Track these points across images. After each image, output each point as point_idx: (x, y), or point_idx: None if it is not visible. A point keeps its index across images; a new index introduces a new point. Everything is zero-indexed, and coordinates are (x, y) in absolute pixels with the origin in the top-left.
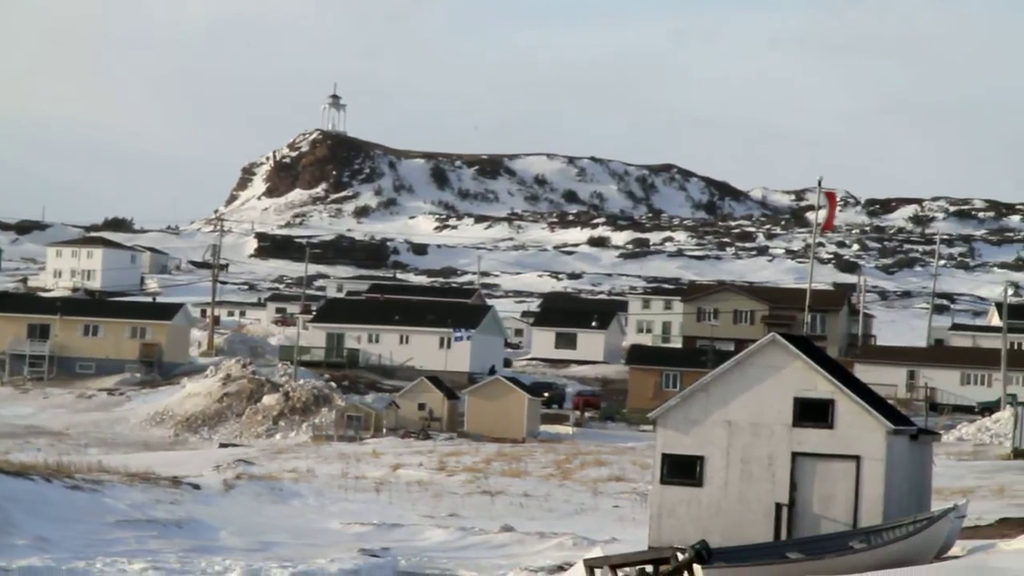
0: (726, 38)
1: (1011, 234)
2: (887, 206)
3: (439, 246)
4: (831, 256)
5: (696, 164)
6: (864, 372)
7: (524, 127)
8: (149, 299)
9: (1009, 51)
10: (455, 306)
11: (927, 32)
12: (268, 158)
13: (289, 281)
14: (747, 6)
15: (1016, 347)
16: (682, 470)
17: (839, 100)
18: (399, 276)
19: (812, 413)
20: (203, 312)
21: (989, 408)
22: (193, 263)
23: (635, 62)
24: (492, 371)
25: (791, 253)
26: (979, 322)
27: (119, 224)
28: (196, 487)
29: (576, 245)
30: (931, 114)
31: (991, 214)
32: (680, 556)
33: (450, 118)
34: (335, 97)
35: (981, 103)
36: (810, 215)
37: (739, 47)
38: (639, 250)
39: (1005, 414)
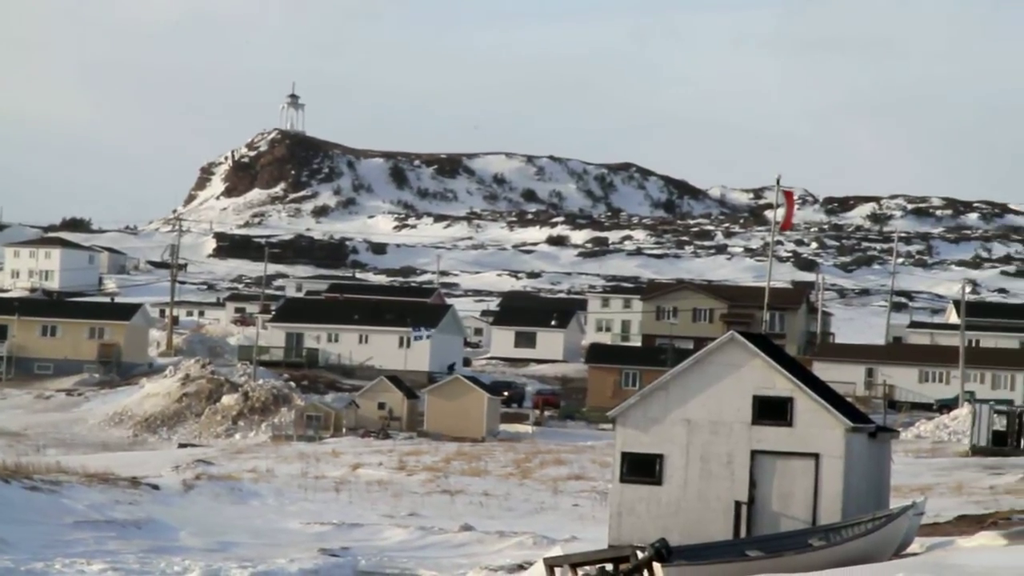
0: (689, 37)
1: (968, 232)
2: (845, 204)
3: (398, 245)
4: (790, 254)
5: (655, 163)
6: (823, 370)
7: (484, 126)
8: (107, 299)
9: (966, 50)
10: (414, 305)
11: (888, 32)
12: (227, 158)
13: (248, 281)
14: (710, 5)
15: (974, 344)
16: (642, 468)
17: (799, 99)
18: (358, 275)
19: (771, 411)
20: (162, 312)
21: (947, 405)
22: (151, 263)
23: (596, 61)
24: (451, 369)
25: (750, 251)
26: (937, 320)
27: (77, 224)
28: (155, 487)
29: (535, 244)
30: (889, 113)
31: (949, 212)
32: (640, 554)
33: (409, 117)
34: (294, 96)
35: (939, 102)
36: (769, 213)
37: (702, 46)
38: (598, 249)
39: (963, 411)
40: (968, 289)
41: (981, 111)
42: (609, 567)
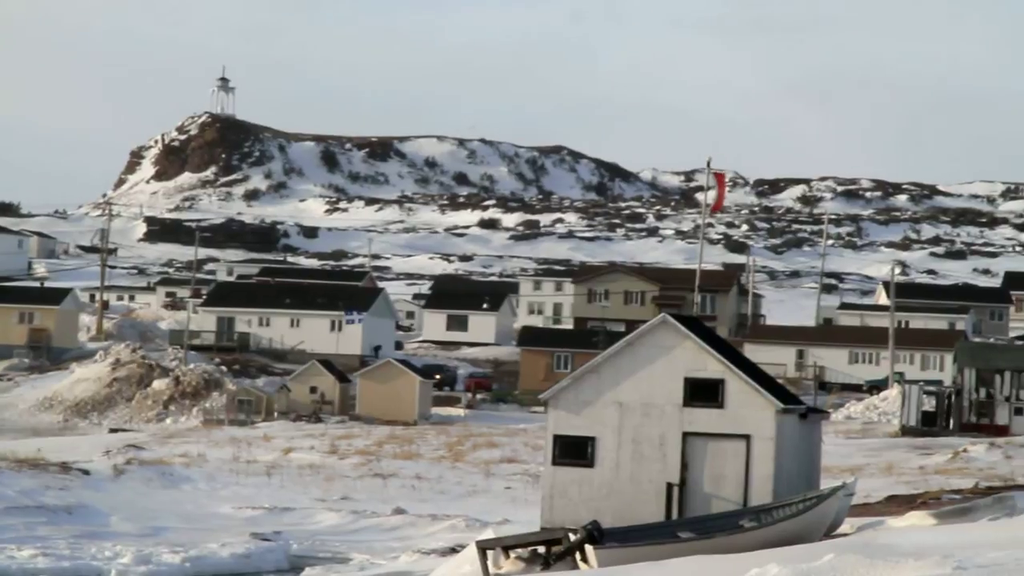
0: (627, 19)
1: (898, 213)
2: (776, 186)
3: (330, 229)
4: (720, 236)
5: (586, 146)
6: (754, 352)
7: (416, 109)
8: (37, 284)
9: (896, 32)
10: (346, 289)
11: (820, 13)
12: (157, 141)
13: (179, 265)
14: None
15: (903, 326)
16: (574, 451)
17: (732, 81)
18: (290, 259)
19: (702, 393)
20: (92, 297)
21: (877, 386)
22: (81, 247)
23: (532, 44)
24: (377, 351)
25: (681, 234)
26: (867, 301)
27: (5, 208)
28: (86, 473)
29: (467, 227)
30: (819, 95)
31: (878, 194)
32: (572, 536)
33: (340, 100)
34: (224, 80)
35: (868, 84)
36: (700, 196)
37: (640, 28)
38: (530, 232)
39: (893, 392)
40: (897, 271)
41: (910, 93)
42: (541, 549)
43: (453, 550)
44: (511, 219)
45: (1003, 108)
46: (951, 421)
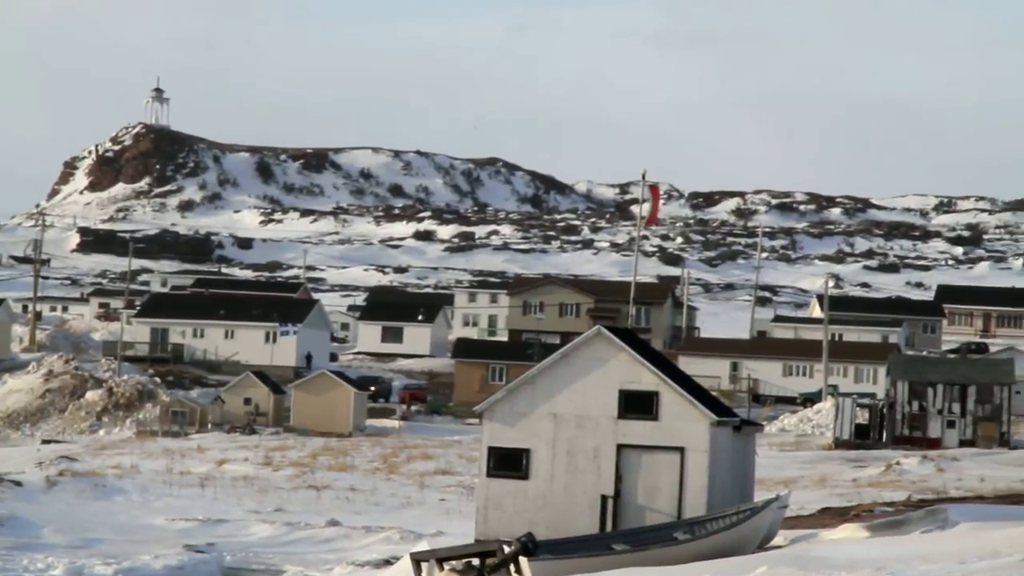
0: (567, 32)
1: (832, 227)
2: (710, 199)
3: (264, 240)
4: (655, 249)
5: (522, 158)
6: (688, 364)
7: (351, 120)
8: None
9: (830, 46)
10: (281, 300)
11: (756, 27)
12: (90, 152)
13: (112, 276)
14: (591, 0)
15: (837, 338)
16: (508, 463)
17: (668, 94)
18: (224, 270)
19: (637, 405)
20: (24, 307)
21: (811, 399)
22: (14, 258)
23: (470, 56)
24: (309, 360)
25: (616, 246)
26: (801, 314)
27: None
28: (18, 484)
29: (402, 239)
30: (754, 108)
31: (812, 207)
32: (506, 549)
33: (275, 111)
34: (158, 91)
35: (803, 98)
36: (634, 208)
37: (580, 41)
38: (465, 244)
39: (826, 405)
40: (831, 283)
41: (844, 107)
42: (476, 562)
43: (387, 562)
44: (446, 231)
45: (936, 123)
46: (884, 434)
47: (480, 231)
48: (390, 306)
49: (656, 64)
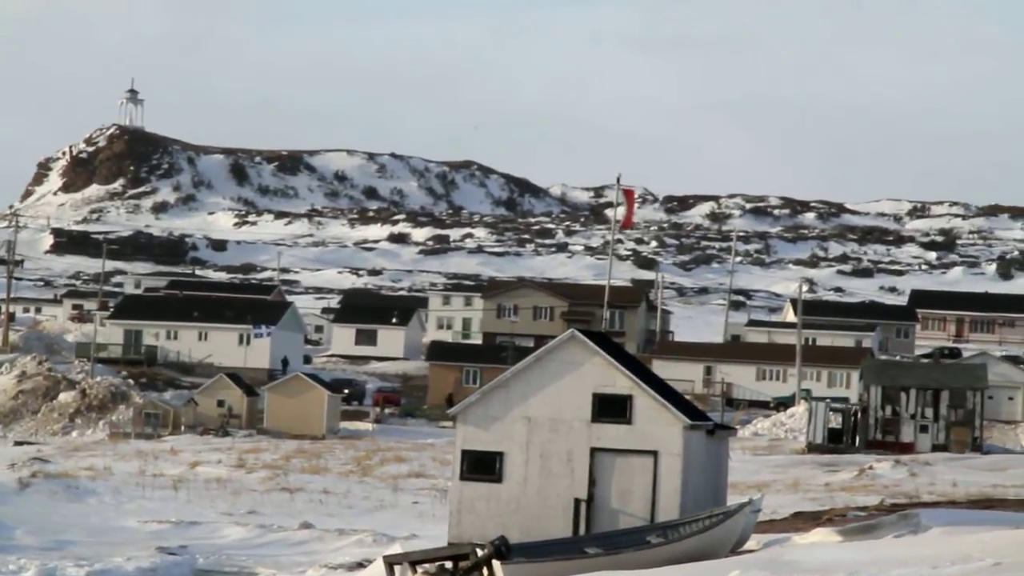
0: (544, 36)
1: (805, 231)
2: (685, 203)
3: (238, 242)
4: (629, 253)
5: (496, 161)
6: (662, 368)
7: (326, 123)
8: None
9: (807, 53)
10: (255, 303)
11: (733, 31)
12: (64, 153)
13: (86, 277)
14: (571, 2)
15: (811, 343)
16: (482, 466)
17: (643, 98)
18: (198, 272)
19: (611, 409)
20: None
21: (784, 403)
22: None
23: (446, 59)
24: (284, 363)
25: (590, 250)
26: (774, 318)
27: None
28: None
29: (376, 241)
30: (729, 113)
31: (786, 211)
32: (479, 552)
33: (250, 113)
34: (133, 92)
35: (778, 102)
36: (609, 212)
37: (556, 45)
38: (439, 246)
39: (799, 409)
40: (805, 288)
41: (819, 112)
42: (449, 565)
43: (360, 565)
44: (421, 234)
45: (910, 128)
46: (857, 438)
47: (454, 234)
48: (364, 309)
49: (632, 68)
